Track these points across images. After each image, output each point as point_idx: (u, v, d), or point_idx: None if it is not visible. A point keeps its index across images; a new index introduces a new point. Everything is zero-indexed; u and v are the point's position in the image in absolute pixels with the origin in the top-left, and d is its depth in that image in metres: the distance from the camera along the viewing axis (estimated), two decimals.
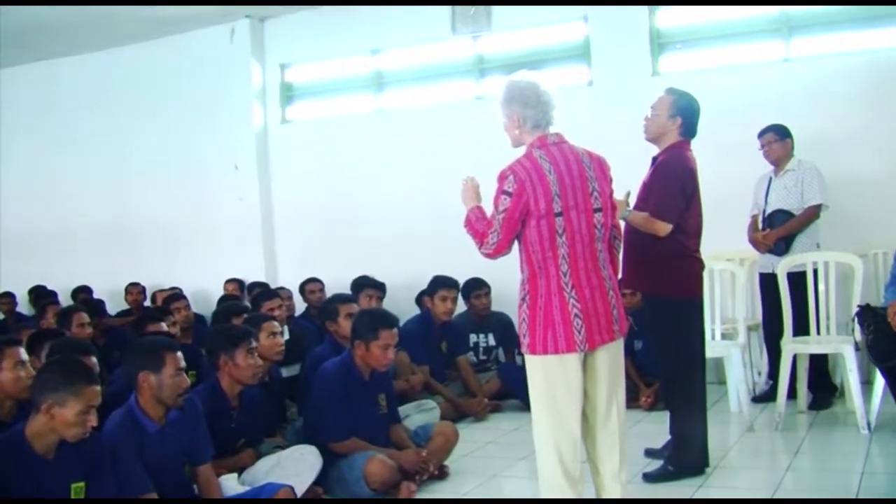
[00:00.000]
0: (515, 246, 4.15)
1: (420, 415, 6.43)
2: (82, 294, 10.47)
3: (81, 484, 4.08)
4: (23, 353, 4.74)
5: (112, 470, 4.26)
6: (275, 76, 10.73)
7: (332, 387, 5.53)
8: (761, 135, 7.35)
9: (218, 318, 7.02)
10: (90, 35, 10.77)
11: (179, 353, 4.68)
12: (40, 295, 10.36)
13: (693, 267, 5.46)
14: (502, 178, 4.08)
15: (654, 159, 5.58)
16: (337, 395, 5.50)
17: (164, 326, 6.64)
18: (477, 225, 4.20)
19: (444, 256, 8.85)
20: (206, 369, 5.99)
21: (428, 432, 5.96)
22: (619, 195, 5.02)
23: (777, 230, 7.10)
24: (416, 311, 8.59)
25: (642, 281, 5.54)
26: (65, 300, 9.99)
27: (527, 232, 4.06)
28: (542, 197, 4.01)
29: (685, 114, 5.47)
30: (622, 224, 4.95)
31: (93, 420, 3.99)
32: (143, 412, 4.62)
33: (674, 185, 5.35)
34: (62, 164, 11.89)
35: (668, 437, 5.79)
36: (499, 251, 4.11)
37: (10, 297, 11.18)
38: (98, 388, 4.03)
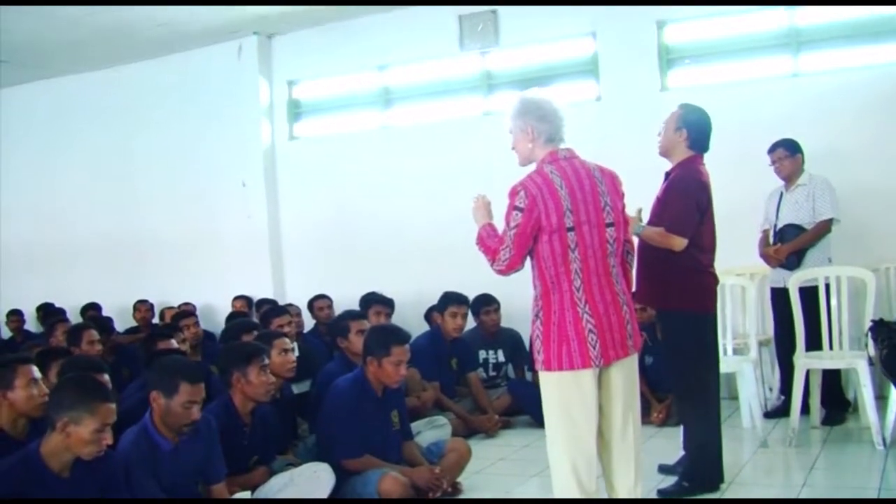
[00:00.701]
0: (528, 262, 4.14)
1: (432, 431, 6.39)
2: (91, 311, 10.47)
3: None
4: (35, 371, 4.72)
5: (127, 488, 4.25)
6: (282, 93, 10.75)
7: (344, 403, 5.51)
8: (771, 150, 7.34)
9: (228, 335, 7.00)
10: (97, 53, 10.80)
11: (198, 386, 4.66)
12: (49, 312, 10.35)
13: (707, 282, 5.45)
14: (513, 193, 4.07)
15: (667, 174, 5.57)
16: (350, 412, 5.48)
17: (174, 343, 6.63)
18: (489, 241, 4.19)
19: (452, 273, 8.87)
20: (215, 387, 5.97)
21: (440, 449, 5.94)
22: (630, 211, 5.02)
23: (788, 244, 7.09)
24: (424, 327, 8.59)
25: (656, 296, 5.53)
26: (73, 317, 9.98)
27: (539, 247, 4.04)
28: (554, 212, 3.99)
29: (691, 126, 5.47)
30: (635, 240, 4.95)
31: (108, 438, 4.00)
32: (158, 430, 4.63)
33: (688, 199, 5.34)
34: (70, 181, 11.92)
35: (682, 452, 5.77)
36: (511, 267, 4.09)
37: (18, 314, 11.20)
38: (113, 405, 4.04)
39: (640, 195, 5.27)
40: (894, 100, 7.80)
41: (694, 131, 5.47)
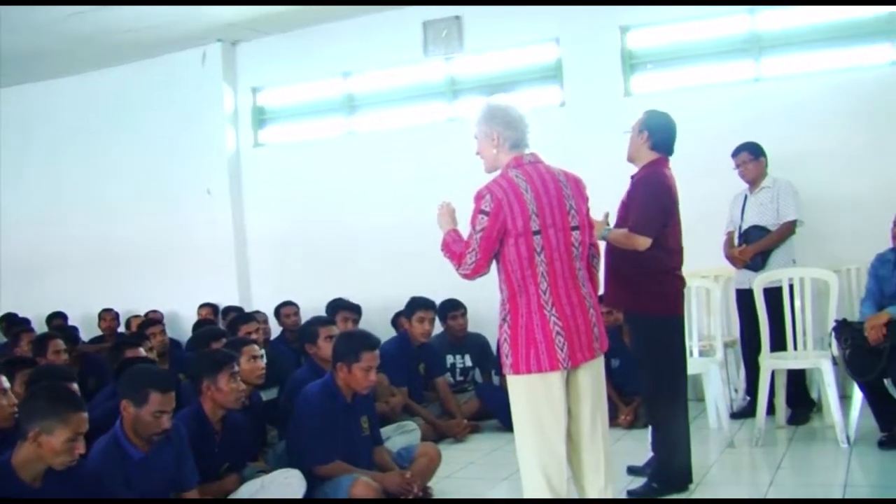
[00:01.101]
0: (494, 265, 4.16)
1: (401, 437, 6.41)
2: (57, 320, 10.37)
3: None
4: (4, 382, 4.71)
5: (99, 497, 4.23)
6: (247, 100, 10.74)
7: (314, 410, 5.51)
8: (735, 154, 7.43)
9: (197, 342, 6.97)
10: (63, 60, 10.74)
11: (169, 395, 4.62)
12: (13, 322, 10.23)
13: (674, 284, 5.50)
14: (479, 197, 4.10)
15: (632, 177, 5.62)
16: (320, 418, 5.48)
17: (142, 352, 6.58)
18: (454, 247, 4.21)
19: (418, 278, 8.87)
20: (183, 394, 5.95)
21: (411, 454, 5.95)
22: (597, 215, 5.08)
23: (754, 245, 7.18)
24: (391, 332, 8.58)
25: (623, 298, 5.58)
26: (37, 327, 9.89)
27: (505, 251, 4.07)
28: (520, 215, 4.03)
29: (652, 128, 5.53)
30: (602, 243, 4.99)
31: (80, 447, 3.97)
32: (128, 439, 4.61)
33: (652, 200, 5.39)
34: (34, 190, 11.84)
35: (650, 454, 5.82)
36: (477, 271, 4.12)
37: None
38: (85, 414, 4.01)
39: (605, 199, 5.31)
40: (855, 103, 7.90)
41: (656, 133, 5.52)
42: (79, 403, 4.04)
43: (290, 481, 5.27)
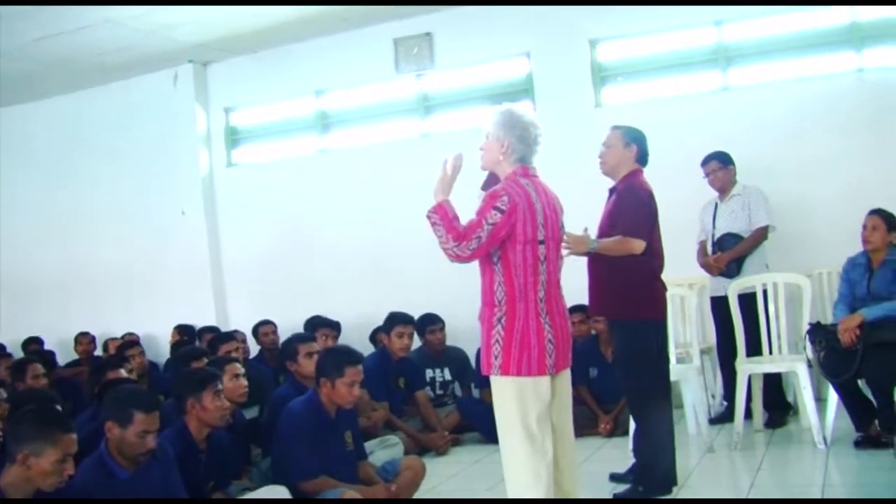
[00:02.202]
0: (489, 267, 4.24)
1: (384, 451, 6.43)
2: (33, 345, 10.33)
3: None
4: None
5: None
6: (219, 120, 10.77)
7: (299, 426, 5.51)
8: (705, 163, 7.53)
9: (178, 362, 6.97)
10: (34, 84, 10.75)
11: (153, 414, 4.62)
12: None
13: (659, 289, 5.61)
14: (496, 195, 4.18)
15: (612, 190, 5.72)
16: (304, 434, 5.49)
17: (123, 373, 6.59)
18: (454, 223, 4.19)
19: (395, 293, 8.99)
20: (165, 415, 5.96)
21: (395, 467, 5.96)
22: (576, 230, 5.18)
23: (728, 253, 7.27)
24: (370, 348, 8.60)
25: (612, 306, 5.64)
26: (13, 353, 9.84)
27: (512, 256, 4.17)
28: (530, 223, 4.15)
29: (639, 141, 5.68)
30: (571, 258, 5.10)
31: (70, 468, 3.97)
32: (114, 460, 4.60)
33: (642, 205, 5.52)
34: (5, 213, 11.75)
35: (632, 460, 5.89)
36: (473, 257, 4.18)
37: None
38: (74, 435, 4.01)
39: (576, 210, 5.33)
40: (822, 111, 8.04)
41: (640, 146, 5.68)
42: (67, 424, 4.05)
43: (276, 497, 5.30)
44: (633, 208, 5.51)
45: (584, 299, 5.83)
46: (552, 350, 4.21)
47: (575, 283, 5.53)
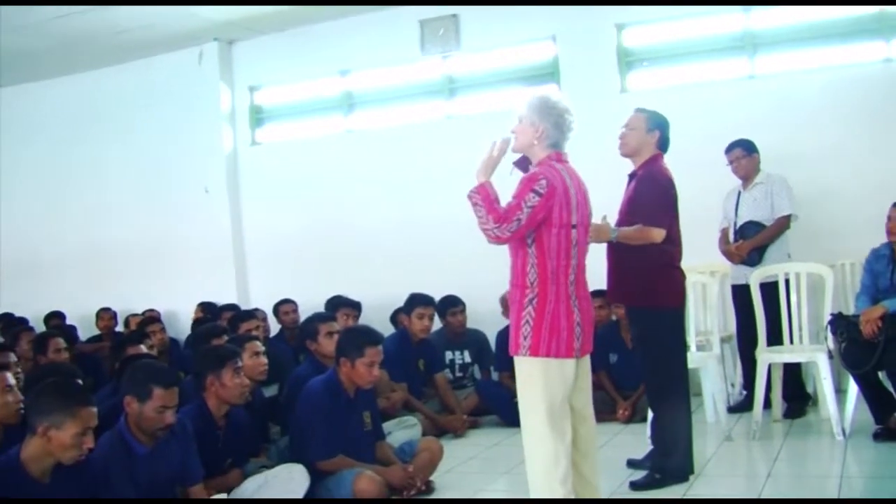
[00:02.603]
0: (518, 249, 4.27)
1: (402, 432, 6.45)
2: (55, 320, 10.38)
3: None
4: (10, 378, 4.73)
5: (105, 492, 4.27)
6: (244, 99, 10.78)
7: (318, 405, 5.55)
8: (728, 150, 7.49)
9: (198, 340, 7.01)
10: (58, 61, 10.78)
11: (172, 390, 4.65)
12: (10, 322, 10.26)
13: (678, 277, 5.59)
14: (534, 178, 4.21)
15: (632, 175, 5.70)
16: (323, 413, 5.52)
17: (143, 349, 6.63)
18: (495, 205, 4.21)
19: (417, 275, 8.98)
20: (184, 391, 6.00)
21: (413, 448, 5.99)
22: (595, 218, 5.16)
23: (750, 241, 7.23)
24: (390, 329, 8.62)
25: (630, 294, 5.65)
26: (35, 327, 9.90)
27: (547, 239, 4.21)
28: (565, 208, 4.20)
29: (662, 127, 5.66)
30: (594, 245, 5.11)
31: (89, 442, 4.00)
32: (133, 435, 4.64)
33: (661, 193, 5.50)
34: (28, 190, 11.86)
35: (650, 447, 5.89)
36: (511, 238, 4.20)
37: None
38: (94, 409, 4.04)
39: (600, 196, 5.32)
40: (849, 100, 7.97)
41: (663, 132, 5.66)
42: (87, 398, 4.08)
43: (293, 476, 5.31)
44: (652, 196, 5.49)
45: (604, 284, 5.80)
46: (580, 333, 4.28)
47: (596, 268, 5.55)
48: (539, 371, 4.22)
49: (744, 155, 7.42)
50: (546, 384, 4.21)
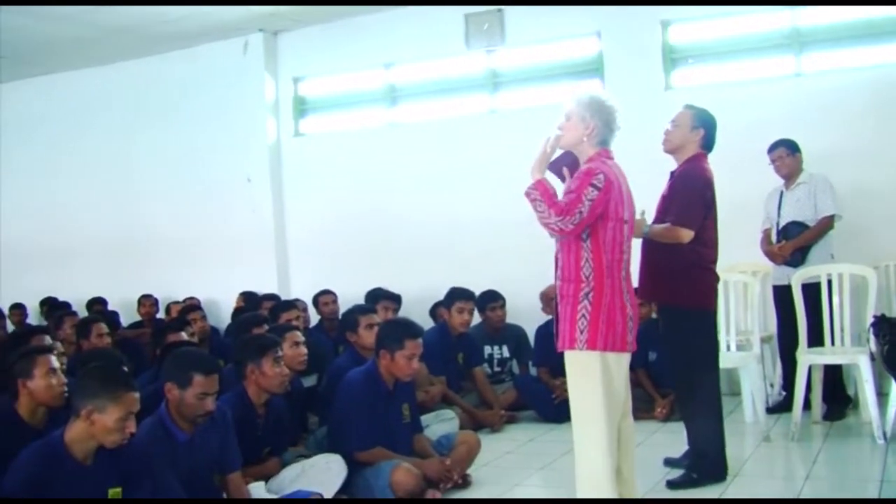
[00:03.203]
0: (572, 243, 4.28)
1: (440, 425, 6.47)
2: (97, 305, 10.49)
3: (119, 489, 4.16)
4: (54, 361, 4.78)
5: (147, 476, 4.32)
6: (288, 89, 10.82)
7: (357, 396, 5.58)
8: (771, 150, 7.43)
9: (239, 328, 7.05)
10: (101, 49, 10.87)
11: (212, 377, 4.70)
12: (54, 306, 10.38)
13: (709, 278, 5.56)
14: (591, 173, 4.24)
15: (673, 173, 5.67)
16: (362, 405, 5.55)
17: (184, 336, 6.69)
18: (555, 199, 4.24)
19: (456, 269, 9.01)
20: (225, 380, 6.05)
21: (450, 441, 6.02)
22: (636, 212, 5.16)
23: (793, 241, 7.17)
24: (429, 323, 8.64)
25: (659, 291, 5.65)
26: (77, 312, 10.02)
27: (602, 233, 4.25)
28: (620, 203, 4.26)
29: (707, 127, 5.62)
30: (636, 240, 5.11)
31: (131, 426, 4.06)
32: (173, 421, 4.68)
33: (694, 193, 5.47)
34: (73, 176, 11.98)
35: (687, 446, 5.87)
36: (574, 231, 4.22)
37: (20, 308, 11.24)
38: (137, 394, 4.10)
39: (643, 192, 5.32)
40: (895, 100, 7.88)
41: (708, 132, 5.63)
42: (130, 383, 4.13)
43: (330, 466, 5.37)
44: (684, 195, 5.48)
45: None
46: (632, 327, 4.33)
47: (634, 264, 5.54)
48: (597, 365, 4.25)
49: (787, 154, 7.36)
50: (604, 378, 4.25)
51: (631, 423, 4.53)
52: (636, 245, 5.43)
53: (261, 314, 7.50)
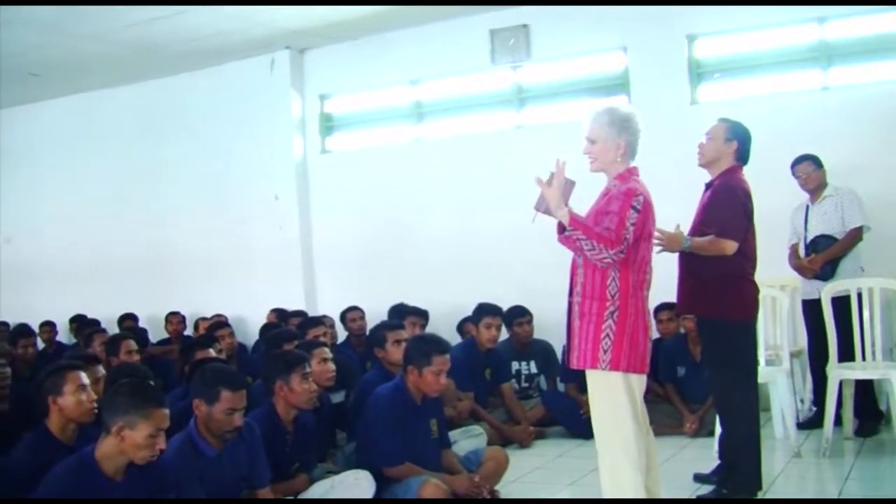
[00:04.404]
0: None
1: (468, 441, 6.46)
2: (128, 322, 10.55)
3: None
4: (84, 378, 4.81)
5: (176, 493, 4.33)
6: (314, 107, 10.86)
7: (385, 412, 5.57)
8: (796, 164, 7.41)
9: (270, 343, 7.06)
10: (129, 67, 10.93)
11: (240, 393, 4.72)
12: (84, 323, 10.43)
13: (750, 290, 5.53)
14: (632, 194, 4.23)
15: (709, 185, 5.66)
16: (390, 420, 5.55)
17: (212, 352, 6.70)
18: (596, 229, 4.17)
19: (483, 285, 9.01)
20: (252, 396, 6.06)
21: (479, 457, 6.00)
22: (669, 227, 5.16)
23: (822, 254, 7.14)
24: (456, 338, 8.64)
25: (700, 304, 5.60)
26: (108, 328, 10.06)
27: (634, 253, 4.24)
28: (650, 222, 4.27)
29: (741, 139, 5.61)
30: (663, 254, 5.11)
31: (161, 443, 4.08)
32: (202, 437, 4.70)
33: (736, 204, 5.46)
34: (101, 195, 12.06)
35: (717, 461, 5.84)
36: (625, 257, 4.18)
37: (50, 326, 11.28)
38: (167, 411, 4.12)
39: (670, 207, 5.33)
40: None
41: (743, 144, 5.61)
42: (160, 400, 4.15)
43: (359, 482, 5.36)
44: (726, 206, 5.45)
45: (672, 296, 5.77)
46: (650, 348, 4.32)
47: (666, 280, 5.52)
48: (622, 385, 4.23)
49: (814, 168, 7.34)
50: (630, 398, 4.24)
51: (653, 438, 4.52)
52: (672, 259, 5.47)
53: (291, 330, 7.52)
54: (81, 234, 12.19)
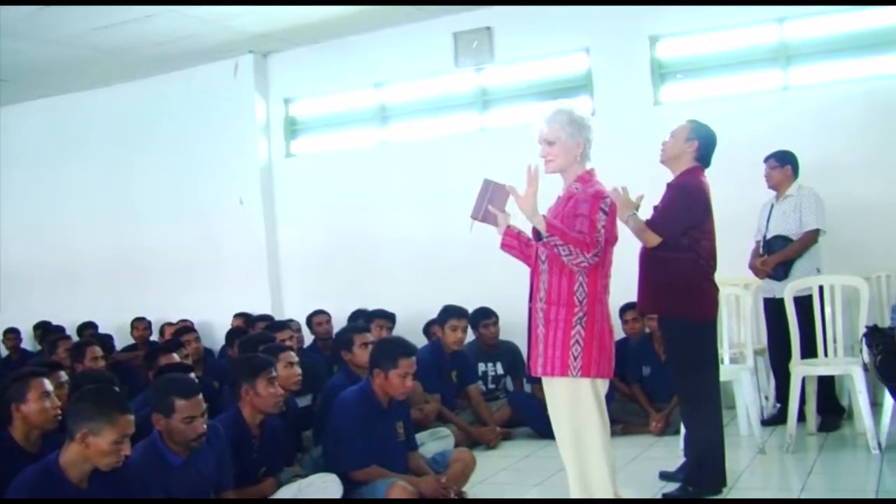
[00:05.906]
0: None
1: (435, 442, 6.45)
2: (88, 330, 10.48)
3: None
4: (48, 385, 4.77)
5: (142, 497, 4.31)
6: (279, 110, 10.85)
7: (351, 415, 5.57)
8: (765, 161, 7.46)
9: (245, 346, 6.99)
10: (95, 72, 10.88)
11: (194, 399, 4.66)
12: (48, 330, 10.37)
13: (709, 289, 5.57)
14: (600, 196, 4.20)
15: (669, 185, 5.70)
16: (357, 423, 5.54)
17: (175, 357, 6.66)
18: (571, 234, 4.11)
19: (449, 287, 9.01)
20: (219, 401, 6.06)
21: (445, 459, 6.00)
22: (631, 196, 5.22)
23: (775, 256, 7.17)
24: (423, 341, 8.62)
25: (659, 303, 5.66)
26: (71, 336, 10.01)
27: (602, 257, 4.18)
28: (615, 226, 4.23)
29: (702, 140, 5.64)
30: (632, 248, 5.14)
31: (126, 449, 4.06)
32: (166, 445, 4.66)
33: (679, 203, 5.52)
34: (65, 200, 11.99)
35: (682, 459, 5.89)
36: (598, 259, 4.15)
37: (14, 332, 11.21)
38: (132, 417, 4.10)
39: None
40: (884, 112, 7.93)
41: (703, 145, 5.65)
42: (125, 406, 4.12)
43: (326, 485, 5.34)
44: (671, 206, 5.54)
45: (635, 296, 5.82)
46: (613, 353, 4.30)
47: (630, 279, 5.56)
48: (591, 391, 4.23)
49: (775, 166, 7.38)
50: (598, 403, 4.24)
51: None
52: (634, 258, 5.51)
53: (266, 333, 7.48)
54: (47, 241, 12.09)
